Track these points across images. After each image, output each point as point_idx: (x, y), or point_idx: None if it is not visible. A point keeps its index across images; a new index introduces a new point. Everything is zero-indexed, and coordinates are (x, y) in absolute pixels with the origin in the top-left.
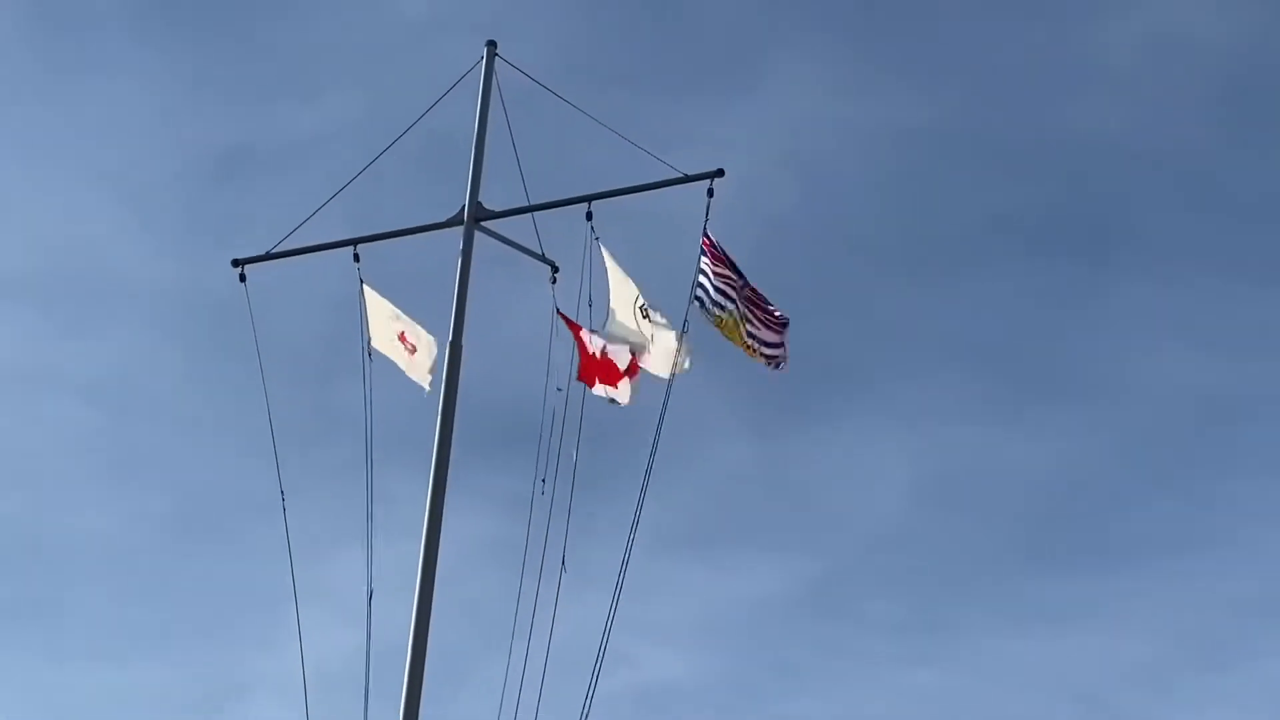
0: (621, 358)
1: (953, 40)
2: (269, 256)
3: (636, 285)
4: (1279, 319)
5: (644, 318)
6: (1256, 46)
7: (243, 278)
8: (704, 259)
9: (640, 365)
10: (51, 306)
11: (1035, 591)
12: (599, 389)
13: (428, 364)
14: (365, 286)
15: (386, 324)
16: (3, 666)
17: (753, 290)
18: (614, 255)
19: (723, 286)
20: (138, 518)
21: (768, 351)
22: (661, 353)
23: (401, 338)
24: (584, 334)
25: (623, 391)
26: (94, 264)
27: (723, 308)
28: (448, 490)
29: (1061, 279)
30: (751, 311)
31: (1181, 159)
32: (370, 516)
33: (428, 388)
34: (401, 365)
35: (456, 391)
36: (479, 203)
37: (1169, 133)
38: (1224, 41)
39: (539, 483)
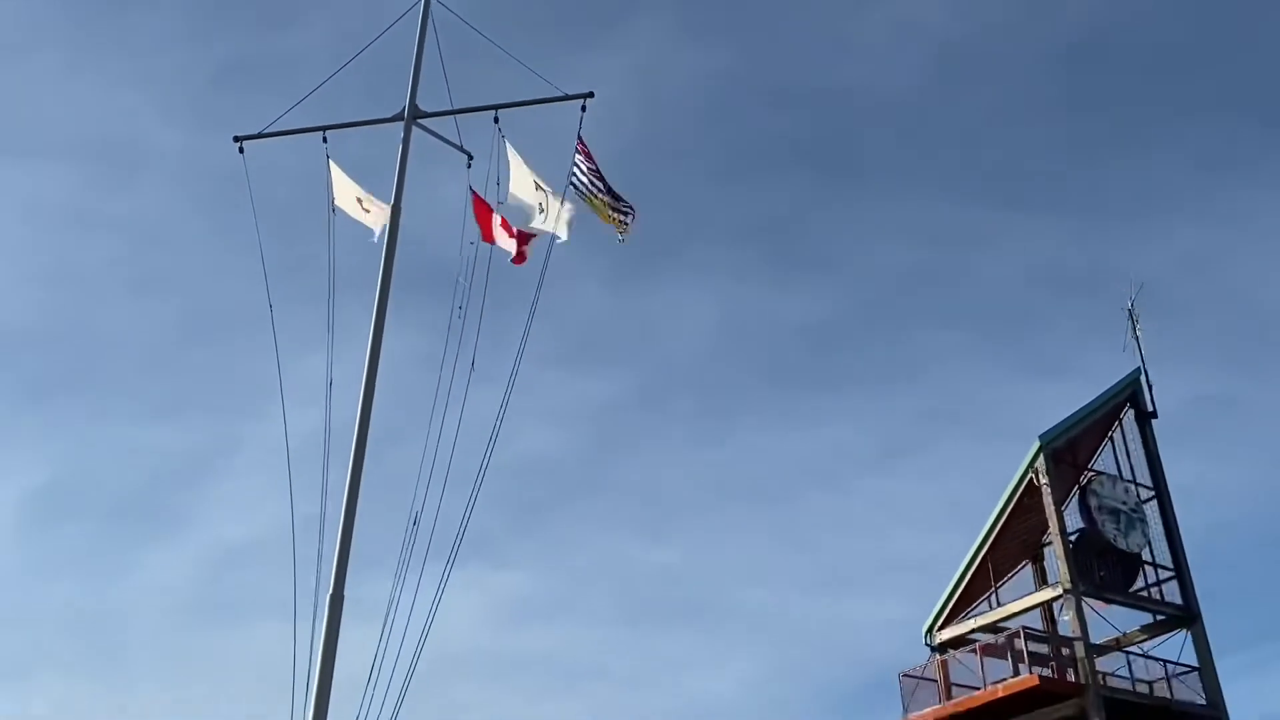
0: (514, 227)
1: (765, 6)
2: (260, 135)
3: (531, 171)
4: (960, 223)
5: (537, 190)
6: (967, 25)
7: (241, 150)
8: (578, 156)
9: (530, 232)
10: (97, 166)
11: (790, 402)
12: (499, 245)
13: (379, 220)
14: (331, 162)
15: (348, 189)
16: (56, 424)
17: (607, 184)
18: (516, 150)
19: (590, 177)
20: (156, 320)
21: (621, 222)
22: (548, 219)
23: (359, 201)
24: (491, 210)
25: (515, 251)
26: (130, 139)
27: (590, 190)
28: (388, 314)
29: (821, 186)
30: (610, 196)
31: (904, 107)
32: (330, 329)
33: (377, 235)
34: (357, 217)
35: (396, 242)
36: (416, 105)
37: (898, 87)
38: (941, 20)
39: (456, 310)
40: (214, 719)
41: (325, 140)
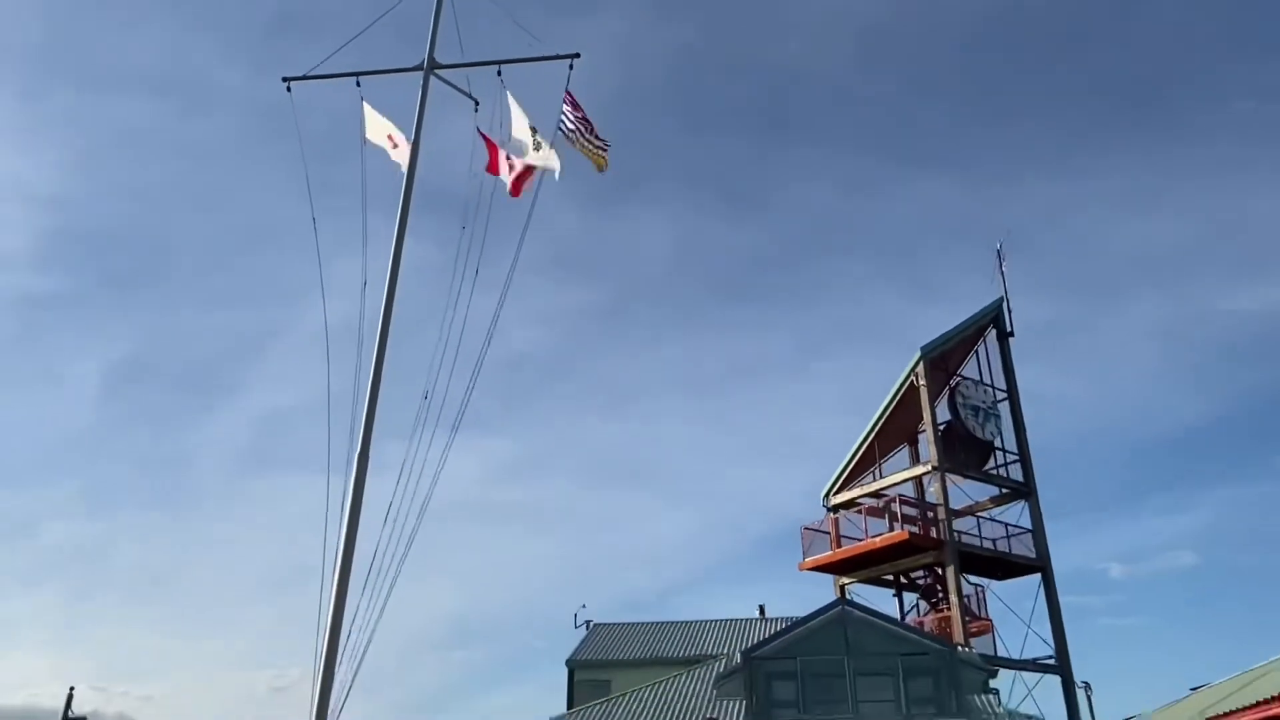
0: (517, 163)
1: None
2: (305, 78)
3: (527, 116)
4: (869, 174)
5: (532, 134)
6: (885, 9)
7: (289, 89)
8: (566, 106)
9: (527, 166)
10: (168, 99)
11: (728, 313)
12: (501, 177)
13: (403, 152)
14: (364, 102)
15: (378, 125)
16: (132, 309)
17: (592, 125)
18: (516, 99)
19: (577, 124)
20: (215, 227)
21: (600, 157)
22: (541, 156)
23: (388, 136)
24: (497, 147)
25: (511, 183)
26: (197, 76)
27: (575, 135)
28: (408, 228)
29: (762, 140)
30: (591, 137)
31: (831, 78)
32: (365, 241)
33: (403, 169)
34: (384, 148)
35: (415, 171)
36: (434, 57)
37: (827, 60)
38: (864, 6)
39: (462, 229)
40: (264, 548)
41: (359, 84)
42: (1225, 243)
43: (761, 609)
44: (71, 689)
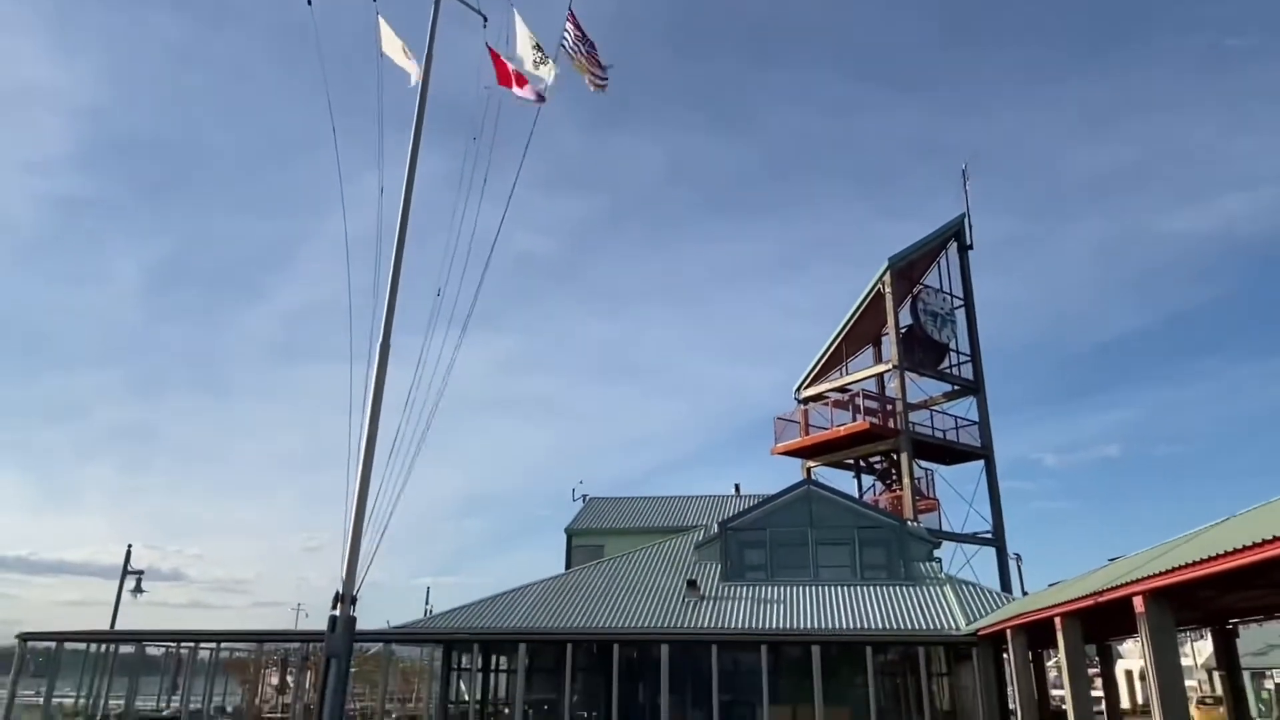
0: (521, 75)
1: None
2: None
3: (532, 35)
4: (849, 97)
5: (535, 50)
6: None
7: (310, 3)
8: (568, 24)
9: (532, 79)
10: (198, 13)
11: (715, 226)
12: (511, 90)
13: (416, 68)
14: (380, 18)
15: (393, 41)
16: (168, 213)
17: (593, 45)
18: (522, 17)
19: (576, 42)
20: (243, 136)
21: (598, 81)
22: (543, 72)
23: (403, 51)
24: (505, 63)
25: (523, 92)
26: None
27: (575, 52)
28: (422, 138)
29: (751, 65)
30: (591, 59)
31: (817, 5)
32: (381, 148)
33: (413, 80)
34: (400, 63)
35: (428, 84)
36: None
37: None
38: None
39: (472, 139)
40: (295, 430)
41: (375, 0)
42: (1167, 168)
43: (737, 487)
44: (129, 546)
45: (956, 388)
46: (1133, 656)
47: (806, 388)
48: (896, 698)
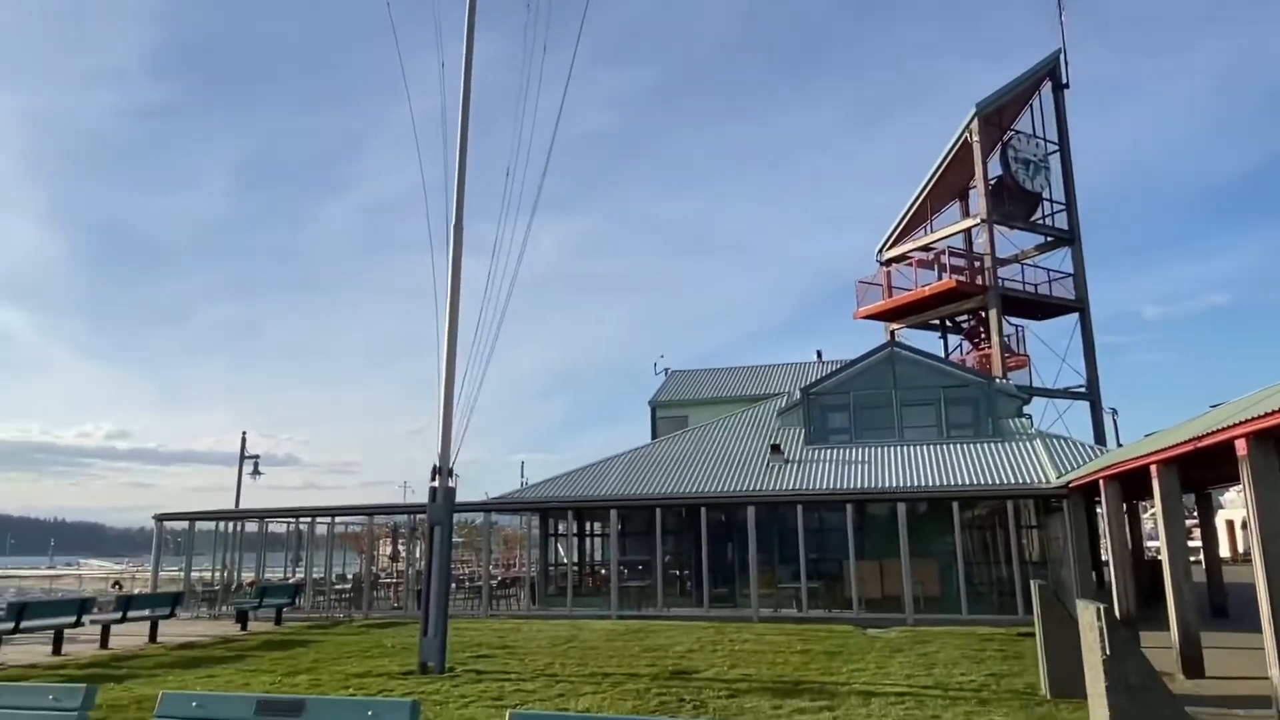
0: None
1: None
2: None
3: None
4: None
5: None
6: None
7: None
8: None
9: None
10: None
11: (791, 86)
12: None
13: None
14: None
15: None
16: (245, 112)
17: None
18: None
19: None
20: (305, 29)
21: None
22: None
23: None
24: None
25: None
26: None
27: None
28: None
29: None
30: None
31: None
32: (438, 25)
33: None
34: None
35: None
36: None
37: None
38: None
39: (527, 6)
40: (385, 319)
41: None
42: None
43: (819, 354)
44: (244, 434)
45: (1050, 239)
46: (1234, 507)
47: (889, 249)
48: (985, 551)
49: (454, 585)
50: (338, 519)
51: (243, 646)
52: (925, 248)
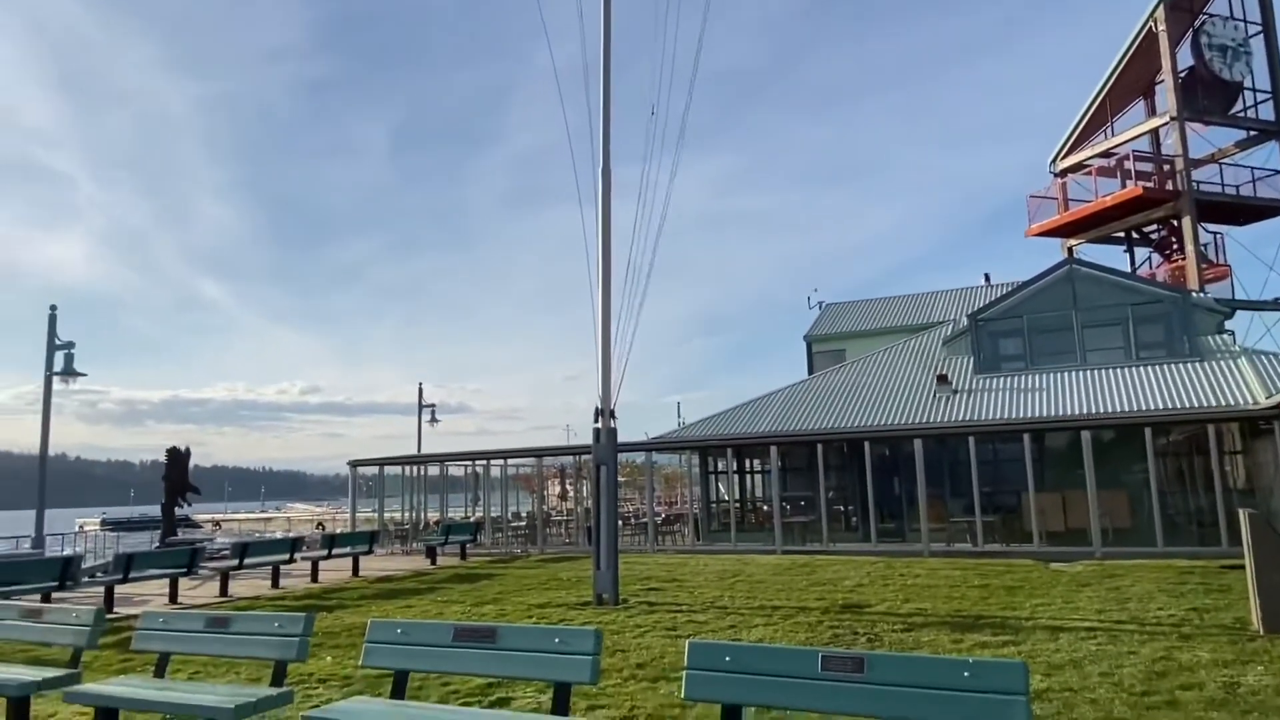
0: None
1: None
2: None
3: None
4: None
5: None
6: None
7: None
8: None
9: None
10: None
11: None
12: None
13: None
14: None
15: None
16: (396, 80)
17: None
18: None
19: None
20: None
21: None
22: None
23: None
24: None
25: None
26: None
27: None
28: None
29: None
30: None
31: None
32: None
33: None
34: None
35: None
36: None
37: None
38: None
39: None
40: (541, 273)
41: None
42: None
43: (987, 277)
44: (420, 386)
45: (1253, 133)
46: None
47: (1063, 158)
48: (1181, 479)
49: (620, 522)
50: (510, 461)
51: (434, 579)
52: (1106, 154)
